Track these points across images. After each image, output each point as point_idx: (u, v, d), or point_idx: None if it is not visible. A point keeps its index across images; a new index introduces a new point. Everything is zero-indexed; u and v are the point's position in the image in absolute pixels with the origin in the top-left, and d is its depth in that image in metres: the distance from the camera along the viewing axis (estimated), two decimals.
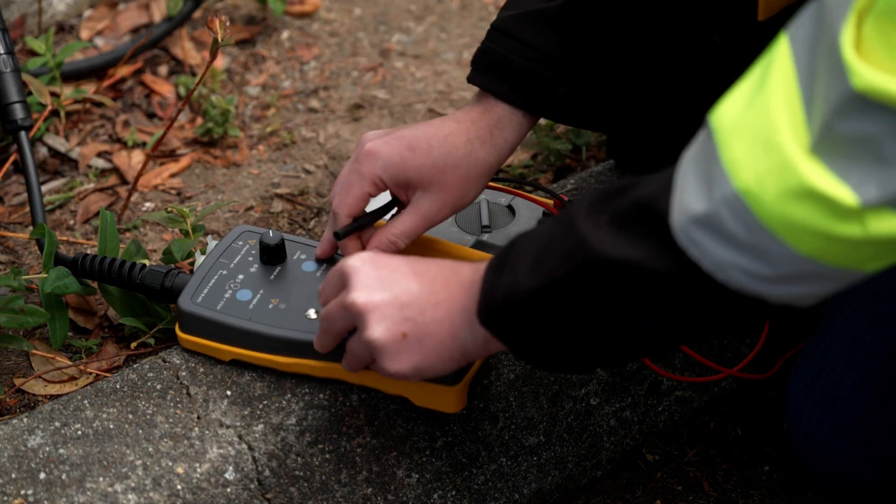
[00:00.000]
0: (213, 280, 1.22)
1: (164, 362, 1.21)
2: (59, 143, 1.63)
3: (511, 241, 1.00)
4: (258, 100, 1.74)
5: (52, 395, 1.25)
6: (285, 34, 1.86)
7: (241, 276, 1.22)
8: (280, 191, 1.57)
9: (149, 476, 1.11)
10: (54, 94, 1.62)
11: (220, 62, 1.78)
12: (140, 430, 1.14)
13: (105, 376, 1.24)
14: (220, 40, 1.37)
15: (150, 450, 1.13)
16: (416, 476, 1.19)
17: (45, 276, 1.25)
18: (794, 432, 1.22)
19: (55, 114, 1.64)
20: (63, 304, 1.27)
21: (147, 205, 1.55)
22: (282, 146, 1.66)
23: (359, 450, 1.18)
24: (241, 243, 1.26)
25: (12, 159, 1.52)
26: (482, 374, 1.23)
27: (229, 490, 1.12)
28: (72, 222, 1.52)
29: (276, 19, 1.88)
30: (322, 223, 1.52)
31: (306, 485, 1.15)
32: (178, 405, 1.17)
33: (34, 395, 1.26)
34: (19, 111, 1.47)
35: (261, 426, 1.15)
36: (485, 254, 1.28)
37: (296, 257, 1.24)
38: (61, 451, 1.12)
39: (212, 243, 1.28)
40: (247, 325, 1.17)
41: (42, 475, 1.10)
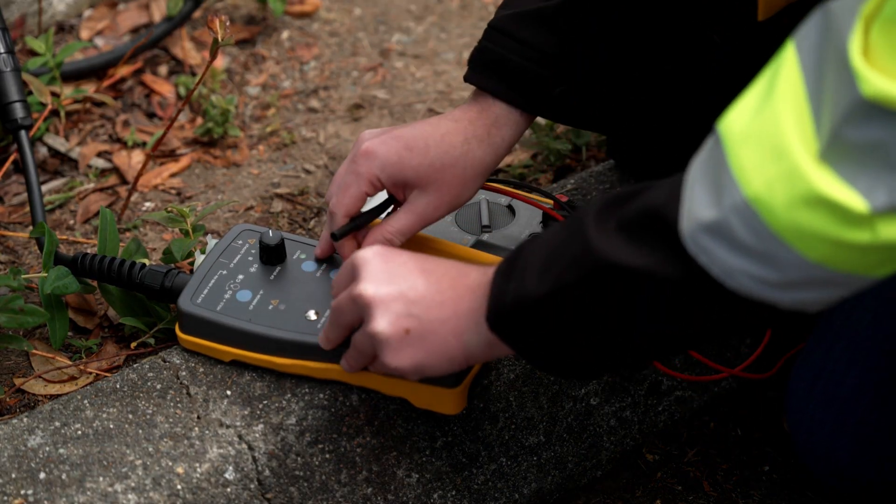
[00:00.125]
0: (212, 280, 1.22)
1: (164, 362, 1.21)
2: (59, 143, 1.63)
3: (519, 245, 1.00)
4: (258, 100, 1.74)
5: (52, 395, 1.25)
6: (285, 34, 1.86)
7: (240, 277, 1.22)
8: (280, 191, 1.57)
9: (149, 476, 1.11)
10: (54, 94, 1.62)
11: (220, 62, 1.78)
12: (140, 430, 1.14)
13: (105, 376, 1.24)
14: (220, 40, 1.37)
15: (150, 450, 1.13)
16: (416, 476, 1.19)
17: (45, 275, 1.25)
18: (795, 432, 1.22)
19: (55, 113, 1.64)
20: (63, 304, 1.27)
21: (147, 205, 1.55)
22: (282, 146, 1.66)
23: (359, 450, 1.18)
24: (240, 242, 1.26)
25: (12, 159, 1.52)
26: (482, 374, 1.23)
27: (229, 490, 1.12)
28: (72, 222, 1.52)
29: (276, 19, 1.88)
30: (322, 223, 1.52)
31: (306, 485, 1.15)
32: (178, 405, 1.17)
33: (34, 395, 1.26)
34: (19, 110, 1.47)
35: (261, 426, 1.15)
36: (485, 253, 1.28)
37: (296, 257, 1.24)
38: (61, 450, 1.12)
39: (212, 243, 1.28)
40: (247, 327, 1.17)
41: (42, 475, 1.10)
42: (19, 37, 1.73)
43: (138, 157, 1.62)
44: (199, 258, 1.28)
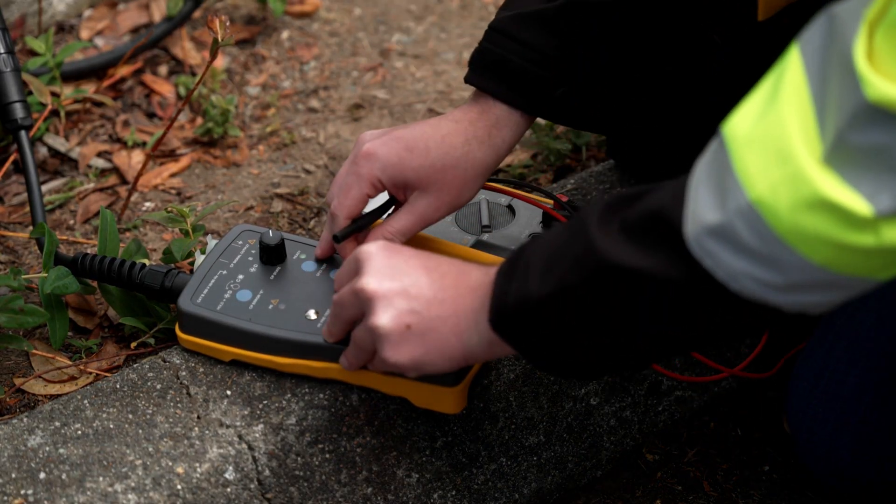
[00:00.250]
0: (212, 280, 1.22)
1: (164, 362, 1.21)
2: (59, 143, 1.63)
3: (521, 245, 1.00)
4: (258, 100, 1.74)
5: (52, 395, 1.25)
6: (285, 34, 1.86)
7: (240, 276, 1.22)
8: (280, 191, 1.57)
9: (149, 476, 1.11)
10: (54, 94, 1.62)
11: (220, 62, 1.78)
12: (140, 430, 1.14)
13: (105, 376, 1.24)
14: (220, 40, 1.37)
15: (150, 450, 1.13)
16: (416, 476, 1.19)
17: (45, 275, 1.25)
18: (795, 432, 1.22)
19: (55, 113, 1.64)
20: (63, 304, 1.27)
21: (147, 205, 1.55)
22: (282, 146, 1.66)
23: (359, 450, 1.18)
24: (240, 243, 1.26)
25: (12, 159, 1.52)
26: (482, 374, 1.23)
27: (229, 490, 1.12)
28: (72, 222, 1.52)
29: (276, 19, 1.88)
30: (322, 223, 1.52)
31: (306, 485, 1.15)
32: (178, 405, 1.17)
33: (34, 394, 1.26)
34: (19, 110, 1.47)
35: (261, 426, 1.15)
36: (485, 253, 1.28)
37: (296, 257, 1.24)
38: (61, 450, 1.12)
39: (212, 243, 1.28)
40: (247, 326, 1.17)
41: (42, 475, 1.10)
42: (19, 37, 1.73)
43: (138, 157, 1.62)
44: (199, 258, 1.28)
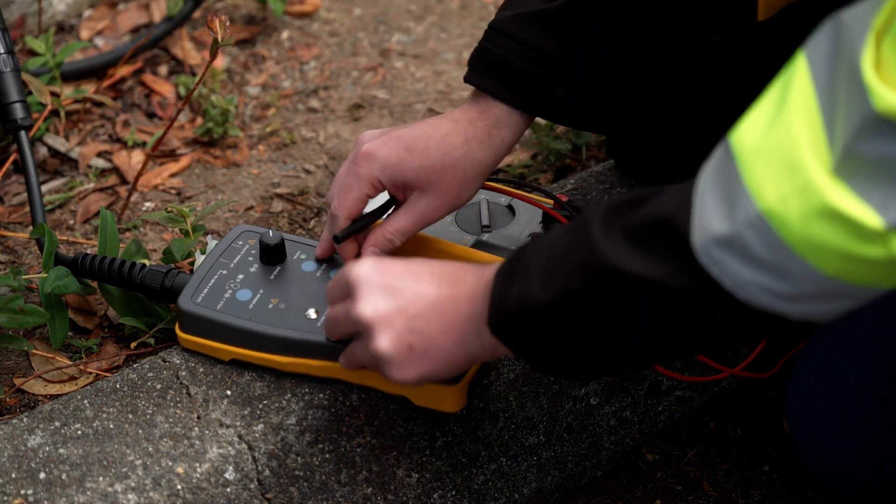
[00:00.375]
0: (212, 280, 1.22)
1: (164, 362, 1.21)
2: (59, 143, 1.63)
3: (520, 248, 1.00)
4: (258, 100, 1.74)
5: (52, 395, 1.25)
6: (285, 34, 1.86)
7: (240, 276, 1.22)
8: (280, 191, 1.57)
9: (149, 476, 1.11)
10: (54, 94, 1.62)
11: (220, 62, 1.78)
12: (140, 430, 1.14)
13: (105, 376, 1.24)
14: (220, 40, 1.37)
15: (150, 450, 1.13)
16: (416, 476, 1.19)
17: (45, 275, 1.25)
18: (795, 431, 1.22)
19: (55, 113, 1.64)
20: (63, 304, 1.27)
21: (147, 205, 1.55)
22: (282, 146, 1.66)
23: (359, 450, 1.18)
24: (240, 243, 1.26)
25: (12, 159, 1.52)
26: (482, 373, 1.23)
27: (229, 490, 1.12)
28: (72, 222, 1.52)
29: (276, 19, 1.88)
30: (322, 223, 1.52)
31: (306, 485, 1.15)
32: (178, 405, 1.17)
33: (34, 395, 1.26)
34: (19, 111, 1.47)
35: (261, 426, 1.15)
36: (485, 253, 1.28)
37: (296, 257, 1.24)
38: (61, 450, 1.12)
39: (212, 243, 1.28)
40: (247, 325, 1.17)
41: (42, 475, 1.10)
42: (19, 37, 1.73)
43: (138, 157, 1.62)
44: (200, 258, 1.28)
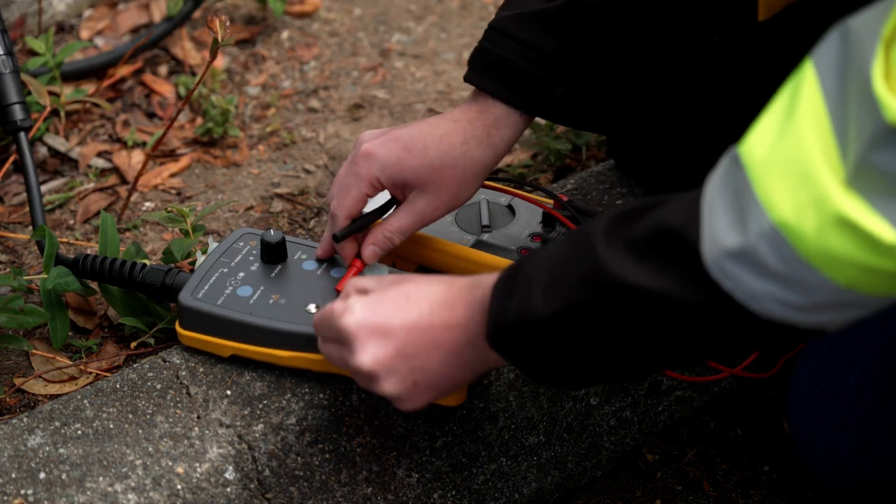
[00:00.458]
0: (213, 277, 1.22)
1: (164, 362, 1.21)
2: (59, 143, 1.63)
3: (518, 261, 0.99)
4: (258, 100, 1.74)
5: (52, 395, 1.25)
6: (285, 34, 1.86)
7: (241, 274, 1.22)
8: (280, 191, 1.57)
9: (149, 476, 1.11)
10: (54, 94, 1.62)
11: (220, 62, 1.78)
12: (140, 430, 1.14)
13: (105, 376, 1.24)
14: (220, 40, 1.37)
15: (150, 449, 1.13)
16: (416, 476, 1.19)
17: (46, 276, 1.25)
18: (795, 431, 1.23)
19: (55, 114, 1.64)
20: (63, 304, 1.28)
21: (147, 205, 1.55)
22: (282, 146, 1.66)
23: (359, 450, 1.18)
24: (241, 244, 1.26)
25: (12, 159, 1.52)
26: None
27: (229, 490, 1.12)
28: (72, 222, 1.52)
29: (276, 19, 1.88)
30: (322, 223, 1.52)
31: (306, 485, 1.15)
32: (178, 405, 1.17)
33: (34, 394, 1.26)
34: (18, 112, 1.47)
35: (261, 426, 1.15)
36: (485, 253, 1.28)
37: (296, 257, 1.24)
38: (61, 450, 1.12)
39: (212, 243, 1.28)
40: (247, 319, 1.17)
41: (42, 475, 1.10)
42: (19, 37, 1.73)
43: (138, 157, 1.62)
44: (200, 258, 1.28)
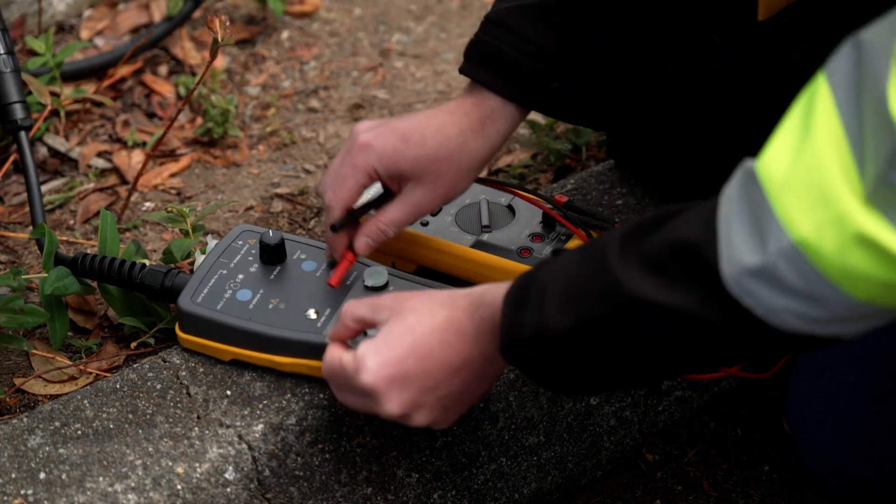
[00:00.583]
0: (212, 280, 1.22)
1: (164, 362, 1.21)
2: (59, 143, 1.63)
3: (529, 273, 1.00)
4: (258, 100, 1.74)
5: (52, 395, 1.25)
6: (285, 34, 1.86)
7: (240, 276, 1.22)
8: (280, 191, 1.57)
9: (149, 476, 1.11)
10: (54, 94, 1.62)
11: (220, 62, 1.78)
12: (140, 430, 1.14)
13: (105, 376, 1.24)
14: (220, 40, 1.37)
15: (150, 450, 1.13)
16: (416, 476, 1.19)
17: (45, 276, 1.25)
18: (795, 431, 1.22)
19: (55, 114, 1.64)
20: (63, 304, 1.27)
21: (147, 205, 1.55)
22: (282, 146, 1.66)
23: (359, 450, 1.18)
24: (240, 243, 1.26)
25: (12, 159, 1.52)
26: None
27: (229, 490, 1.12)
28: (72, 222, 1.52)
29: (276, 19, 1.88)
30: (322, 223, 1.52)
31: (306, 485, 1.15)
32: (178, 405, 1.17)
33: (34, 395, 1.26)
34: (19, 111, 1.47)
35: (261, 426, 1.15)
36: (485, 253, 1.28)
37: (296, 257, 1.24)
38: (61, 450, 1.12)
39: (212, 243, 1.28)
40: (247, 325, 1.17)
41: (42, 475, 1.10)
42: (19, 37, 1.73)
43: (138, 157, 1.62)
44: (200, 258, 1.28)
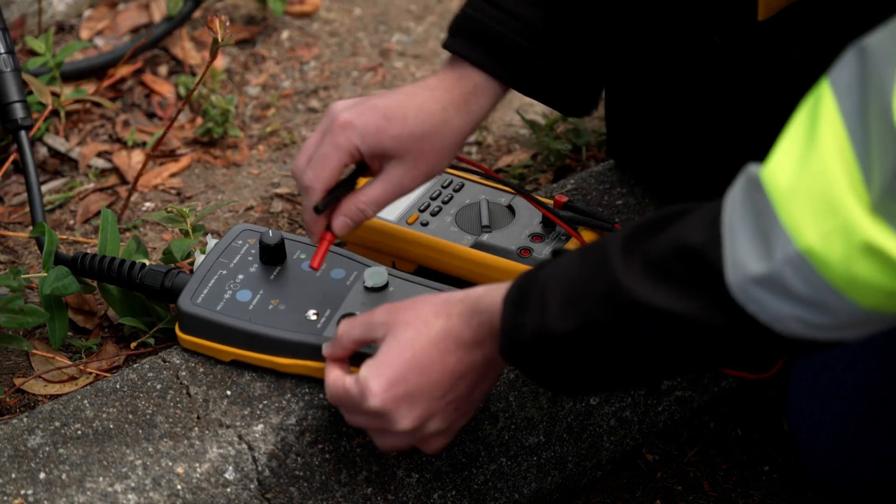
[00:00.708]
0: (212, 280, 1.22)
1: (164, 362, 1.21)
2: (59, 143, 1.63)
3: (530, 274, 1.00)
4: (258, 100, 1.74)
5: (52, 395, 1.25)
6: (285, 34, 1.86)
7: (240, 276, 1.22)
8: (280, 191, 1.57)
9: (149, 476, 1.11)
10: (54, 94, 1.62)
11: (220, 62, 1.78)
12: (140, 430, 1.14)
13: (105, 376, 1.24)
14: (220, 40, 1.37)
15: (150, 450, 1.13)
16: (416, 476, 1.19)
17: (45, 275, 1.25)
18: (795, 431, 1.22)
19: (55, 114, 1.64)
20: (63, 304, 1.27)
21: (147, 205, 1.55)
22: (282, 146, 1.66)
23: (359, 450, 1.18)
24: (240, 242, 1.26)
25: (12, 159, 1.53)
26: None
27: (229, 490, 1.12)
28: (72, 222, 1.52)
29: (276, 19, 1.88)
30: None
31: (306, 485, 1.15)
32: (178, 405, 1.17)
33: (34, 395, 1.26)
34: (19, 111, 1.47)
35: (261, 426, 1.15)
36: (485, 254, 1.28)
37: (296, 257, 1.24)
38: (61, 450, 1.12)
39: (212, 243, 1.28)
40: (247, 326, 1.17)
41: (42, 475, 1.10)
42: (19, 37, 1.73)
43: (138, 157, 1.62)
44: (199, 258, 1.28)
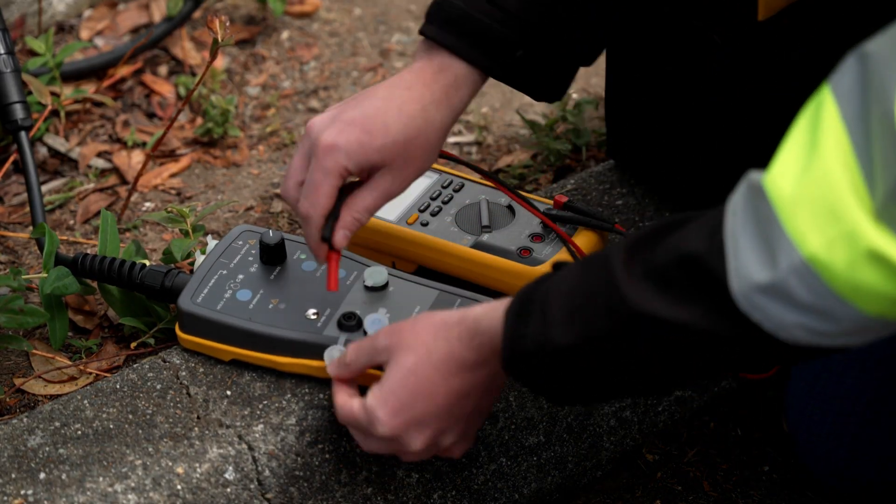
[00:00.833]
0: (212, 280, 1.22)
1: (164, 362, 1.21)
2: (59, 143, 1.63)
3: (532, 285, 0.99)
4: (258, 100, 1.74)
5: (52, 395, 1.25)
6: (285, 34, 1.86)
7: (240, 276, 1.22)
8: (280, 191, 1.57)
9: (149, 476, 1.11)
10: (54, 94, 1.62)
11: (220, 62, 1.78)
12: (140, 430, 1.14)
13: (105, 376, 1.24)
14: (220, 40, 1.37)
15: (150, 450, 1.13)
16: (416, 476, 1.19)
17: (45, 275, 1.25)
18: (794, 431, 1.22)
19: (55, 114, 1.64)
20: (63, 305, 1.27)
21: (147, 205, 1.55)
22: (282, 146, 1.66)
23: (359, 450, 1.18)
24: (241, 243, 1.26)
25: (12, 159, 1.53)
26: None
27: (229, 490, 1.12)
28: (72, 222, 1.52)
29: (276, 19, 1.88)
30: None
31: (306, 485, 1.15)
32: (178, 405, 1.17)
33: (34, 395, 1.26)
34: (19, 111, 1.47)
35: (261, 426, 1.15)
36: (484, 254, 1.28)
37: (296, 257, 1.24)
38: (61, 451, 1.12)
39: (212, 243, 1.28)
40: (247, 325, 1.17)
41: (42, 475, 1.10)
42: (19, 37, 1.73)
43: (138, 157, 1.62)
44: (200, 258, 1.28)
